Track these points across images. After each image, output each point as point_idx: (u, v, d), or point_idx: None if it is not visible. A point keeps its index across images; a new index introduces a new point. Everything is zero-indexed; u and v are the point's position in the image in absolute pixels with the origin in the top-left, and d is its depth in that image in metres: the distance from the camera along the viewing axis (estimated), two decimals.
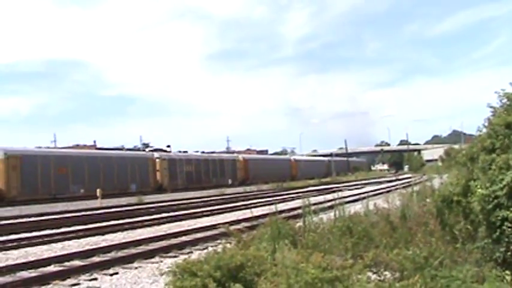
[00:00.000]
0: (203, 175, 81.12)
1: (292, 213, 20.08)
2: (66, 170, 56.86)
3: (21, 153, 54.00)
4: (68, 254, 15.74)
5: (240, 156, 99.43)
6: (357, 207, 16.39)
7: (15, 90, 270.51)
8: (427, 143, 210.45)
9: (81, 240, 19.97)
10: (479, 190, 8.13)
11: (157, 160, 72.98)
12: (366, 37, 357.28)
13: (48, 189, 53.32)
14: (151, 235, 19.87)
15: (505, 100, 9.31)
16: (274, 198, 40.80)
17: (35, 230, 23.71)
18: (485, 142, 8.97)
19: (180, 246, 16.94)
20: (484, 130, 9.51)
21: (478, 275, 7.51)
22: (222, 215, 28.81)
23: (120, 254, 15.81)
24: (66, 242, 19.38)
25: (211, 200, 43.74)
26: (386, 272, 8.23)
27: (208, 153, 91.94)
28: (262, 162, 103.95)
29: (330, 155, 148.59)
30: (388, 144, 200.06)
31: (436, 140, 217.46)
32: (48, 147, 75.35)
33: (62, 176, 55.88)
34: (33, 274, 12.92)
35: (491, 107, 9.58)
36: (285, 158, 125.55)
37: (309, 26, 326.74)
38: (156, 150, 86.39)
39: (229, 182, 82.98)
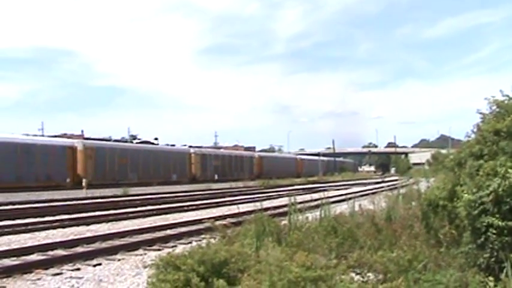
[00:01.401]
0: (227, 169, 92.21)
1: (277, 211, 20.12)
2: (126, 160, 67.81)
3: (96, 145, 65.42)
4: (51, 243, 15.70)
5: (256, 154, 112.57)
6: (343, 208, 16.43)
7: (4, 77, 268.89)
8: (414, 146, 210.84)
9: (66, 229, 19.92)
10: (466, 195, 8.13)
11: (192, 155, 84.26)
12: (358, 38, 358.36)
13: (113, 175, 63.24)
14: (136, 227, 19.82)
15: (494, 107, 9.33)
16: (261, 195, 40.81)
17: (18, 218, 23.61)
18: (474, 148, 8.99)
19: (165, 240, 16.90)
20: (473, 136, 9.53)
21: (462, 280, 7.51)
22: (207, 210, 28.78)
23: (104, 245, 15.77)
24: (50, 231, 19.31)
25: (197, 195, 43.68)
26: (370, 274, 8.24)
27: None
28: (274, 160, 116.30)
29: (317, 154, 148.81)
30: (376, 146, 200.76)
31: (423, 143, 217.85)
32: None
33: (123, 165, 66.71)
34: (16, 262, 12.86)
35: (480, 113, 9.59)
36: (292, 156, 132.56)
37: (302, 24, 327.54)
38: (143, 142, 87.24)
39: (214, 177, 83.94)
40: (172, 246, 15.56)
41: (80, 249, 15.02)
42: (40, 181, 53.37)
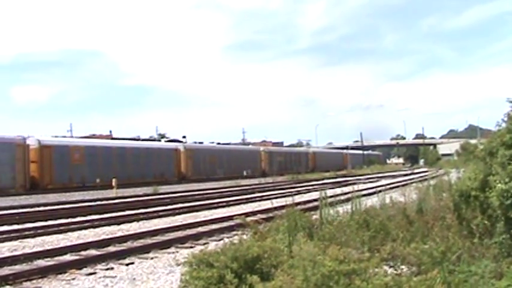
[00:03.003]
0: (288, 164, 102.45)
1: (308, 205, 20.11)
2: (215, 159, 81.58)
3: (193, 147, 79.85)
4: (84, 243, 15.83)
5: (311, 150, 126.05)
6: (373, 200, 16.38)
7: (32, 79, 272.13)
8: (442, 137, 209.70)
9: (97, 229, 20.05)
10: (498, 185, 8.06)
11: (262, 153, 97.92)
12: (383, 29, 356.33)
13: (205, 172, 76.39)
14: (167, 225, 19.92)
15: None
16: (290, 190, 40.78)
17: (51, 219, 23.82)
18: (505, 137, 8.90)
19: (196, 237, 16.96)
20: (504, 125, 9.43)
21: (496, 270, 7.47)
22: (237, 206, 28.84)
23: (136, 244, 15.86)
24: (82, 231, 19.46)
25: (226, 191, 43.75)
26: (403, 266, 8.22)
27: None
28: (325, 155, 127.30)
29: (346, 147, 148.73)
30: (404, 138, 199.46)
31: (452, 134, 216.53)
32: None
33: (213, 163, 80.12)
34: (50, 263, 13.00)
35: (510, 101, 9.49)
36: (339, 151, 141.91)
37: (326, 17, 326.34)
38: (171, 141, 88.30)
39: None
40: (204, 244, 15.63)
41: (112, 248, 15.13)
42: (156, 177, 64.20)
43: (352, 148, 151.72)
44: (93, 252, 14.59)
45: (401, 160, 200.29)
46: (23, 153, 50.62)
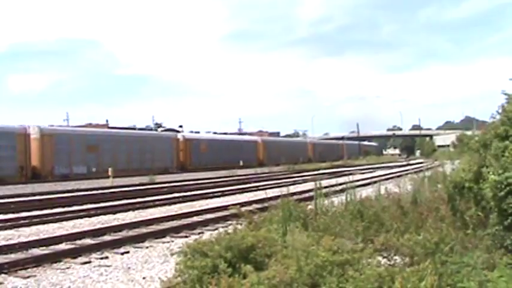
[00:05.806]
0: (325, 153, 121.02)
1: (303, 195, 20.11)
2: (280, 148, 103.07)
3: (266, 140, 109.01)
4: (79, 232, 15.86)
5: (340, 142, 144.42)
6: (368, 191, 16.43)
7: (30, 68, 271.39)
8: (439, 128, 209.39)
9: (93, 218, 20.08)
10: (492, 176, 8.08)
11: (309, 144, 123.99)
12: (381, 20, 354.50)
13: (275, 159, 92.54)
14: (163, 215, 19.95)
15: None
16: (286, 180, 40.76)
17: (46, 208, 23.81)
18: (499, 129, 8.92)
19: (191, 227, 17.00)
20: (498, 117, 9.45)
21: (489, 261, 7.50)
22: (233, 196, 28.85)
23: (131, 233, 15.90)
24: (78, 221, 19.47)
25: (222, 181, 43.73)
26: (397, 257, 8.24)
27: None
28: (351, 146, 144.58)
29: (342, 138, 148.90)
30: (400, 129, 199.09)
31: (448, 125, 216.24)
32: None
33: (278, 152, 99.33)
34: (45, 251, 13.03)
35: (505, 94, 9.51)
36: (357, 143, 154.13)
37: (324, 8, 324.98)
38: (168, 130, 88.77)
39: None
40: (199, 233, 15.65)
41: (107, 237, 15.17)
42: (245, 162, 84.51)
43: (349, 139, 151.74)
44: (88, 241, 14.62)
45: (397, 151, 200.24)
46: (176, 144, 76.04)
